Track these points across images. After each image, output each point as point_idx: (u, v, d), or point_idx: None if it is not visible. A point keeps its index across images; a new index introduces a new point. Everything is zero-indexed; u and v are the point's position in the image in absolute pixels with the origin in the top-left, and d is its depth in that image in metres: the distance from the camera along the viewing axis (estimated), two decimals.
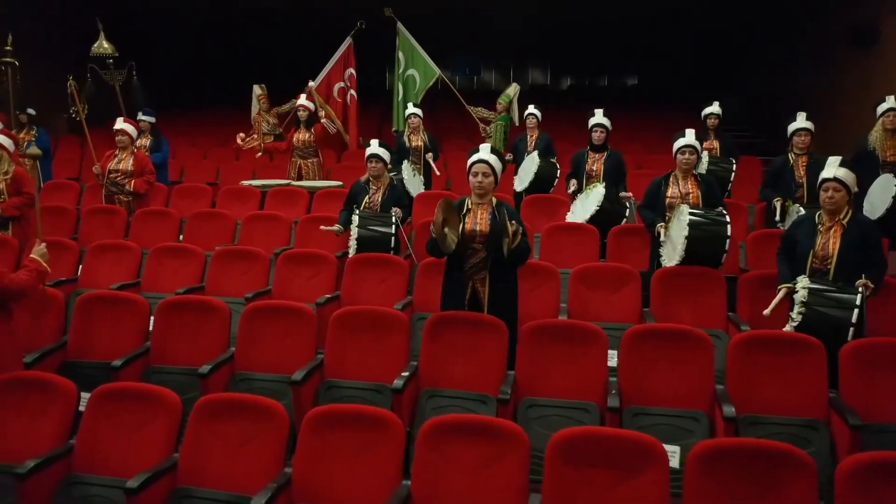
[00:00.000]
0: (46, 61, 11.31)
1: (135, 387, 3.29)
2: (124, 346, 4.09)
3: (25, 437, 3.23)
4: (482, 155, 3.93)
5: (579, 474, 2.73)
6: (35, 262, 3.70)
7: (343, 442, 2.96)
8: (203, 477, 3.05)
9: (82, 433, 3.20)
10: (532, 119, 7.61)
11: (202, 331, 4.09)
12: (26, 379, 3.38)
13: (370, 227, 5.01)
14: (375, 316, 3.95)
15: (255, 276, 5.08)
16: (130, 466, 3.06)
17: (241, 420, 3.07)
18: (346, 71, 9.70)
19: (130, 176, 6.50)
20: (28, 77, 7.78)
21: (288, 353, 3.95)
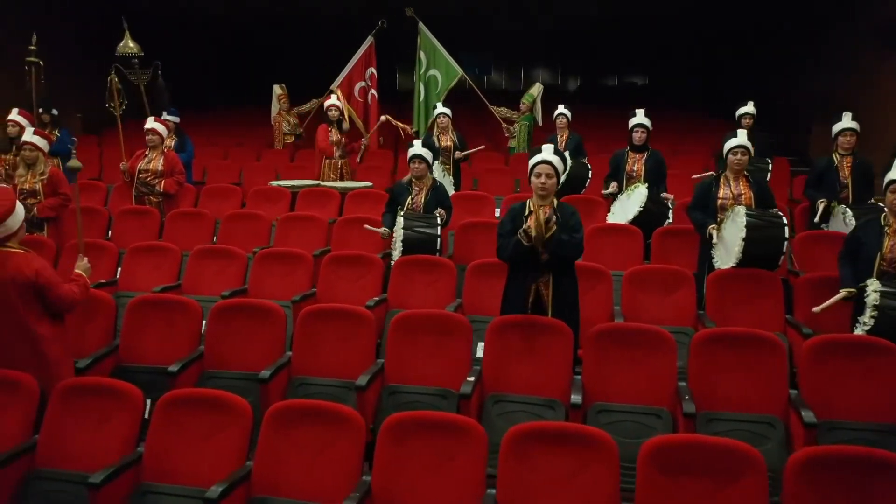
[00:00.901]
0: (61, 60, 11.27)
1: (204, 393, 3.22)
2: (177, 350, 4.02)
3: (92, 445, 3.17)
4: (545, 156, 3.87)
5: (674, 483, 2.67)
6: (82, 277, 3.65)
7: (421, 450, 2.90)
8: (279, 486, 2.99)
9: (151, 441, 3.13)
10: (562, 119, 7.55)
11: (256, 334, 4.02)
12: (90, 385, 3.31)
13: (416, 229, 4.94)
14: (436, 319, 3.89)
15: (299, 279, 5.01)
16: (202, 475, 3.01)
17: (315, 427, 3.01)
18: (366, 70, 9.64)
19: (161, 176, 6.42)
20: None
21: (346, 357, 3.89)
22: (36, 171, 5.70)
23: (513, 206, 3.98)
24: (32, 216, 5.63)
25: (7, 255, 3.36)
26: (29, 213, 5.56)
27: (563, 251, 3.72)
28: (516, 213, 3.90)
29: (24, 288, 3.35)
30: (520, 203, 3.99)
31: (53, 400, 3.28)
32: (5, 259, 3.34)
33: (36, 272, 3.36)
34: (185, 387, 3.82)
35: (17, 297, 3.34)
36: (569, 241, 3.71)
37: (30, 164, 5.70)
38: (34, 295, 3.38)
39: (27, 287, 3.35)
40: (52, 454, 3.19)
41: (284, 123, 9.80)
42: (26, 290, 3.35)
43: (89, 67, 9.97)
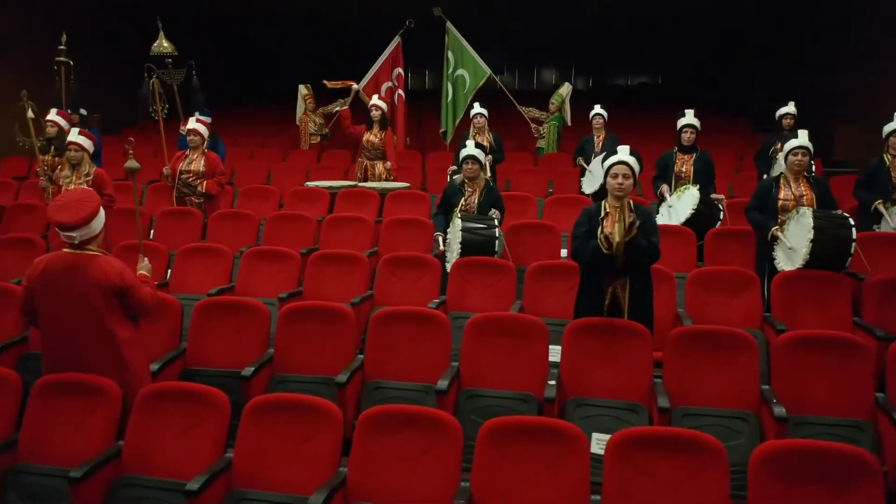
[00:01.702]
0: (78, 59, 11.20)
1: (293, 398, 3.17)
2: (247, 353, 3.98)
3: (180, 450, 3.12)
4: (622, 156, 3.83)
5: (790, 490, 2.64)
6: (148, 279, 3.61)
7: (525, 455, 2.87)
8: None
9: (243, 447, 3.09)
10: (598, 119, 7.53)
11: (328, 337, 3.97)
12: (176, 390, 3.26)
13: (475, 231, 4.90)
14: (513, 323, 3.85)
15: (357, 280, 4.97)
16: (294, 481, 2.98)
17: (418, 432, 2.96)
18: (393, 70, 9.59)
19: (202, 177, 6.37)
20: None
21: (421, 360, 3.85)
22: (81, 172, 5.64)
23: (587, 208, 3.95)
24: (48, 218, 5.55)
25: (90, 258, 3.30)
26: None
27: (643, 257, 3.69)
28: (592, 215, 3.87)
29: (108, 291, 3.29)
30: (595, 204, 3.95)
31: (138, 405, 3.24)
32: (88, 262, 3.29)
33: (120, 275, 3.31)
34: (258, 392, 3.79)
35: (100, 300, 3.28)
36: (648, 247, 3.68)
37: (74, 164, 5.65)
38: (116, 298, 3.33)
39: (111, 290, 3.29)
40: (140, 460, 3.15)
41: (311, 124, 9.75)
42: (110, 293, 3.30)
43: (108, 67, 9.93)
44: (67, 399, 3.27)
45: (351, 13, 12.47)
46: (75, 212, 3.24)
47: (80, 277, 3.26)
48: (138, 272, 3.61)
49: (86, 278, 3.26)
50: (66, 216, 3.23)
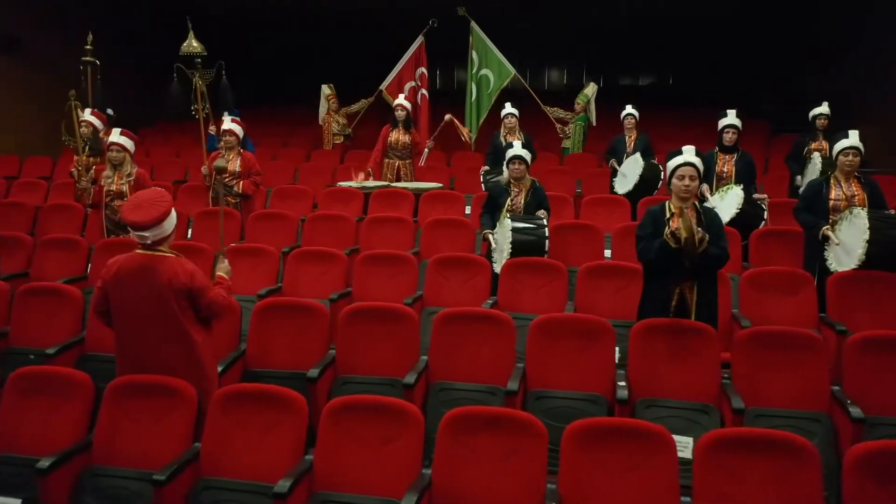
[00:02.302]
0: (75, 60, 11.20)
1: (372, 400, 3.15)
2: (308, 354, 3.96)
3: (262, 452, 3.11)
4: (688, 157, 3.82)
5: (884, 492, 2.63)
6: (225, 280, 3.59)
7: (611, 457, 2.86)
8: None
9: (322, 450, 3.07)
10: (630, 119, 7.51)
11: (387, 338, 3.95)
12: (251, 392, 3.24)
13: (525, 231, 4.89)
14: (579, 324, 3.83)
15: (405, 281, 4.95)
16: (377, 482, 2.98)
17: (503, 434, 2.95)
18: (417, 70, 9.57)
19: (238, 177, 6.35)
20: None
21: (490, 361, 3.83)
22: (123, 173, 5.62)
23: (651, 209, 3.94)
24: (119, 218, 5.55)
25: (161, 259, 3.29)
26: (116, 215, 5.52)
27: (716, 264, 3.71)
28: (656, 216, 3.86)
29: (179, 293, 3.27)
30: (658, 205, 3.94)
31: (214, 407, 3.22)
32: (160, 263, 3.27)
33: (191, 276, 3.29)
34: (324, 393, 3.77)
35: (173, 301, 3.26)
36: (720, 255, 3.68)
37: (116, 164, 5.62)
38: (188, 300, 3.31)
39: (183, 292, 3.27)
40: (218, 462, 3.13)
41: (334, 124, 9.72)
42: (182, 294, 3.28)
43: (123, 66, 9.88)
44: (143, 401, 3.25)
45: (374, 12, 12.42)
46: (148, 212, 3.23)
47: (152, 278, 3.25)
48: (217, 273, 3.59)
49: (157, 279, 3.24)
50: (139, 216, 3.21)
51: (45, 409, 3.34)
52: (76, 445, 3.20)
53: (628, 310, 4.39)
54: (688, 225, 3.51)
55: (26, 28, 10.32)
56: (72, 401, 3.34)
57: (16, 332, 4.35)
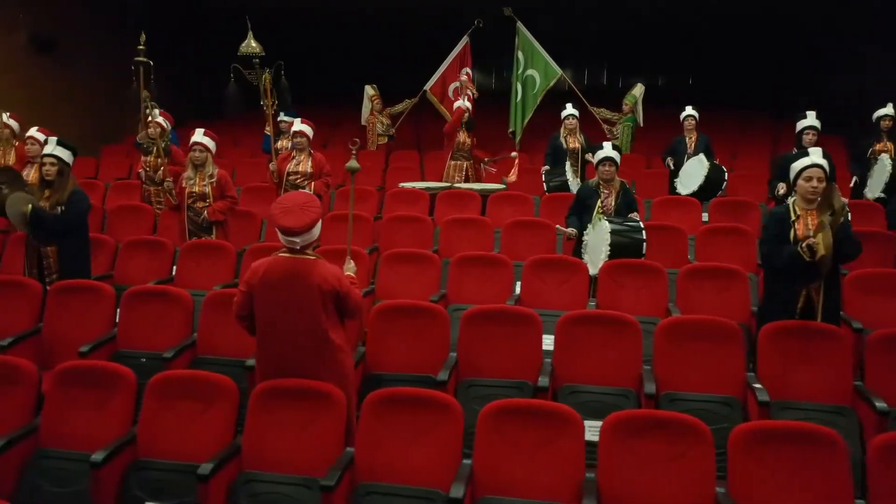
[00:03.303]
0: (120, 60, 11.12)
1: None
2: (431, 357, 3.95)
3: (417, 457, 3.10)
4: (816, 159, 3.83)
5: None
6: (356, 280, 3.57)
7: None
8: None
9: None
10: (691, 121, 7.53)
11: (512, 341, 3.95)
12: (404, 395, 3.23)
13: (624, 234, 4.89)
14: (710, 326, 3.83)
15: (503, 283, 4.94)
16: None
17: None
18: (461, 70, 9.55)
19: (309, 178, 6.32)
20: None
21: (616, 363, 3.84)
22: (205, 174, 5.58)
23: (774, 211, 3.96)
24: (203, 220, 5.52)
25: (311, 263, 3.26)
26: (199, 217, 5.49)
27: (851, 261, 3.71)
28: (781, 218, 3.87)
29: (328, 296, 3.25)
30: (783, 206, 3.95)
31: (366, 411, 3.20)
32: (310, 267, 3.24)
33: (338, 280, 3.27)
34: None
35: (320, 305, 3.24)
36: (855, 252, 3.68)
37: (198, 165, 5.58)
38: (333, 303, 3.29)
39: (331, 295, 3.25)
40: (376, 468, 3.11)
41: (378, 124, 9.70)
42: (329, 298, 3.25)
43: (161, 66, 9.84)
44: (291, 405, 3.23)
45: (418, 13, 12.39)
46: (300, 217, 3.20)
47: (302, 283, 3.22)
48: (346, 273, 3.56)
49: (307, 283, 3.22)
50: (292, 221, 3.18)
51: (190, 413, 3.30)
52: (227, 450, 3.17)
53: (733, 310, 4.42)
54: (828, 242, 3.51)
55: (63, 28, 10.25)
56: (216, 405, 3.31)
57: (124, 336, 4.31)
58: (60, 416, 3.39)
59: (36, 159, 5.99)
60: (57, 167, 4.82)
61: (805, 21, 12.39)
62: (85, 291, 4.45)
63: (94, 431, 3.32)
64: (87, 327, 4.33)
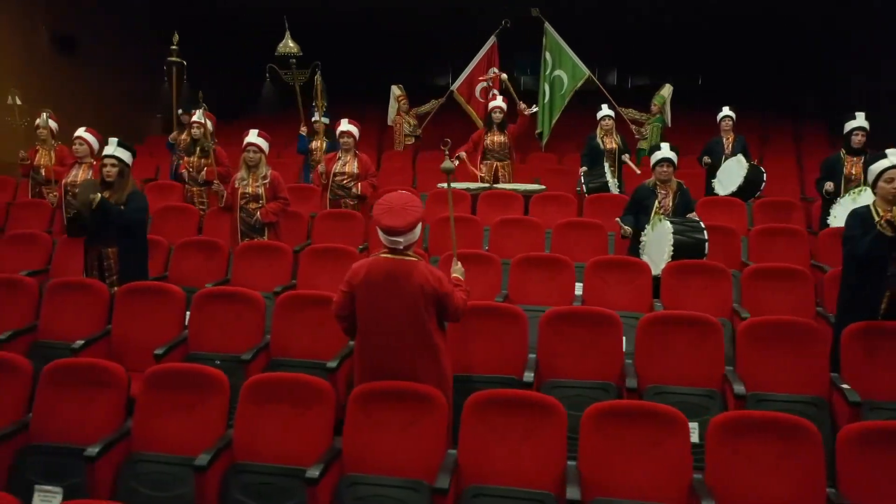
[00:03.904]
0: (140, 61, 11.08)
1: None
2: (512, 358, 3.95)
3: (518, 458, 3.09)
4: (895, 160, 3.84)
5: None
6: (462, 282, 3.56)
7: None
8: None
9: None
10: (728, 121, 7.55)
11: (593, 343, 3.95)
12: (510, 398, 3.22)
13: (687, 234, 4.90)
14: (792, 327, 3.84)
15: (565, 284, 4.93)
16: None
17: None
18: (489, 70, 9.55)
19: (356, 179, 6.30)
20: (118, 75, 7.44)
21: (700, 364, 3.84)
22: (258, 175, 5.54)
23: (855, 211, 3.97)
24: (256, 221, 5.49)
25: (412, 264, 3.24)
26: (252, 218, 5.46)
27: None
28: (864, 218, 3.88)
29: (430, 298, 3.23)
30: (863, 207, 3.97)
31: (466, 414, 3.19)
32: (412, 268, 3.23)
33: (440, 281, 3.26)
34: None
35: (423, 306, 3.22)
36: None
37: (251, 166, 5.54)
38: (435, 304, 3.28)
39: (433, 296, 3.24)
40: (479, 470, 3.11)
41: (405, 125, 9.68)
42: (431, 299, 3.24)
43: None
44: (391, 408, 3.21)
45: (445, 13, 12.37)
46: (403, 216, 3.19)
47: (405, 283, 3.21)
48: (452, 275, 3.55)
49: (410, 284, 3.21)
50: (396, 221, 3.17)
51: (288, 415, 3.29)
52: (329, 453, 3.16)
53: (797, 310, 4.44)
54: None
55: (83, 28, 10.19)
56: (314, 408, 3.29)
57: (195, 338, 4.28)
58: (153, 420, 3.35)
59: (84, 160, 5.95)
60: (117, 168, 4.79)
61: (818, 21, 12.47)
62: (154, 293, 4.41)
63: (189, 434, 3.30)
64: (157, 329, 4.29)
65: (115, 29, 10.91)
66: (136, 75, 11.10)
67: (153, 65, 11.50)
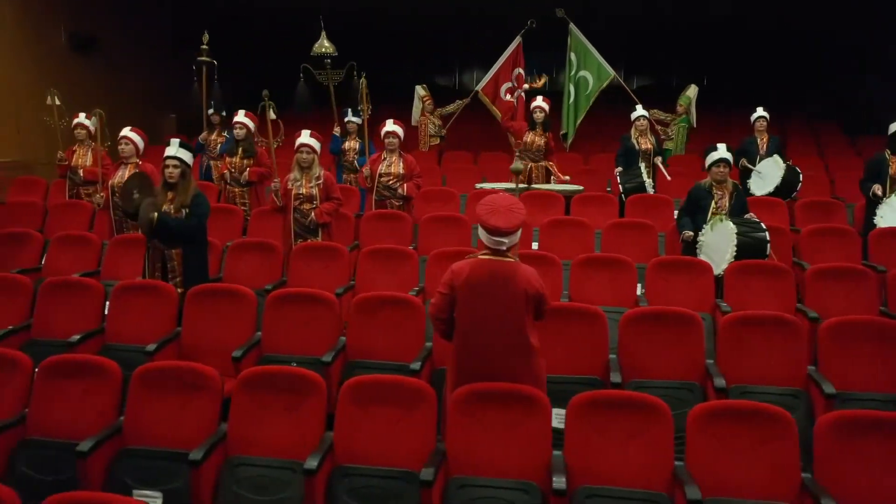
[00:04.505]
0: (153, 60, 10.99)
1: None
2: (589, 360, 3.97)
3: (627, 459, 3.10)
4: None
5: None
6: None
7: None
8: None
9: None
10: (762, 122, 7.58)
11: (674, 343, 3.97)
12: (617, 399, 3.23)
13: (749, 234, 4.93)
14: (874, 326, 3.88)
15: (623, 285, 4.95)
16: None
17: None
18: (514, 70, 9.56)
19: (401, 179, 6.29)
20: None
21: (781, 362, 3.88)
22: (311, 176, 5.50)
23: None
24: (310, 221, 5.46)
25: (514, 265, 3.24)
26: (306, 219, 5.44)
27: None
28: None
29: (531, 299, 3.24)
30: None
31: (571, 416, 3.19)
32: (514, 270, 3.23)
33: (539, 282, 3.26)
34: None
35: (524, 308, 3.23)
36: None
37: (304, 166, 5.51)
38: (534, 306, 3.28)
39: (533, 298, 3.24)
40: (592, 471, 3.11)
41: (430, 125, 9.66)
42: (531, 300, 3.25)
43: (181, 68, 9.85)
44: (495, 409, 3.21)
45: (471, 14, 12.34)
46: (510, 218, 3.19)
47: (509, 285, 3.21)
48: None
49: (513, 286, 3.21)
50: (504, 221, 3.17)
51: (390, 418, 3.28)
52: (435, 456, 3.15)
53: (859, 309, 4.49)
54: None
55: (102, 28, 10.11)
56: (418, 410, 3.27)
57: (269, 339, 4.26)
58: (250, 423, 3.33)
59: (129, 160, 5.90)
60: (179, 169, 4.75)
61: (824, 20, 12.56)
62: (226, 295, 4.38)
63: (287, 437, 3.29)
64: (229, 331, 4.26)
65: (133, 29, 10.82)
66: (152, 75, 11.02)
67: (169, 65, 11.46)
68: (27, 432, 3.42)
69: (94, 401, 3.42)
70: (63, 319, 4.49)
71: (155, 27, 11.29)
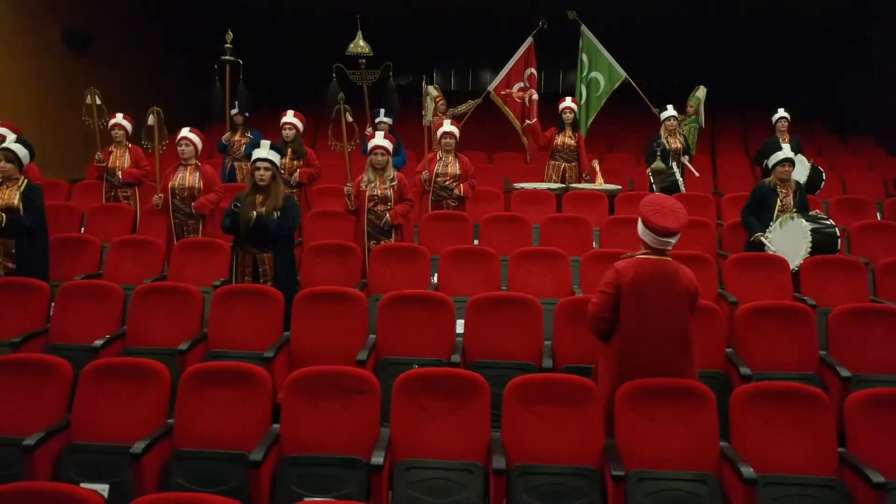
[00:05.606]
0: (149, 58, 10.71)
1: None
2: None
3: None
4: None
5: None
6: None
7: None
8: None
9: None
10: (783, 122, 7.87)
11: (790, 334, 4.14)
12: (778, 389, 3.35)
13: (821, 231, 5.14)
14: None
15: (705, 281, 5.06)
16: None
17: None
18: (526, 71, 9.65)
19: (457, 180, 6.31)
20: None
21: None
22: (385, 177, 5.48)
23: None
24: (385, 223, 5.43)
25: (676, 265, 3.33)
26: (381, 221, 5.42)
27: None
28: None
29: (692, 297, 3.34)
30: None
31: (735, 409, 3.30)
32: (676, 269, 3.32)
33: (696, 281, 3.36)
34: None
35: (686, 306, 3.32)
36: None
37: (378, 168, 5.47)
38: (692, 304, 3.37)
39: (694, 296, 3.34)
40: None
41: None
42: (692, 299, 3.34)
43: (178, 67, 9.66)
44: (663, 404, 3.29)
45: (478, 14, 12.35)
46: (678, 218, 3.27)
47: (674, 284, 3.29)
48: None
49: (678, 285, 3.30)
50: (672, 222, 3.25)
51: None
52: (607, 451, 3.20)
53: None
54: None
55: (98, 25, 9.79)
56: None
57: (385, 342, 4.23)
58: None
59: (189, 161, 5.74)
60: (270, 172, 4.69)
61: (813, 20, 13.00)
62: (337, 298, 4.34)
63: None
64: (341, 335, 4.23)
65: (129, 28, 10.51)
66: (149, 74, 10.73)
67: (164, 64, 11.19)
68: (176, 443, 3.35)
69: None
70: (159, 326, 4.37)
71: (149, 25, 10.98)
